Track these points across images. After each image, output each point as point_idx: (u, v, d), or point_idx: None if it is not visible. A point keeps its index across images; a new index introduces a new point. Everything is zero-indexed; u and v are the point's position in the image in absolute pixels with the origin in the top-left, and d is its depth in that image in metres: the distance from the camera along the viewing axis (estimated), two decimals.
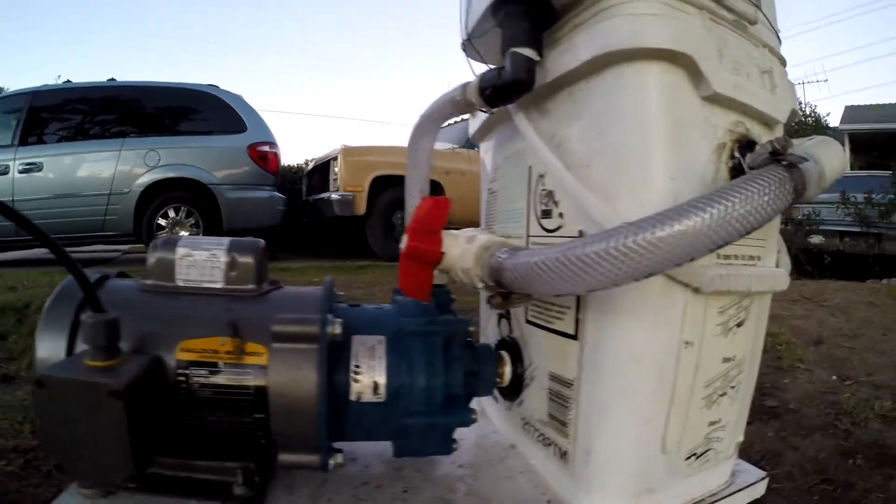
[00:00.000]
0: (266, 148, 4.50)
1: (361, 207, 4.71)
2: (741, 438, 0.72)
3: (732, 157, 0.56)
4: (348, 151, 4.75)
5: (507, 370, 0.68)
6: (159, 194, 4.06)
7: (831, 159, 0.47)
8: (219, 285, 0.59)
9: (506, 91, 0.60)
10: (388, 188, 4.90)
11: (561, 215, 0.59)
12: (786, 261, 0.68)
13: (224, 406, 0.54)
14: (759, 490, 0.75)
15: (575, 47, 0.55)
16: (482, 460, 0.73)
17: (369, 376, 0.57)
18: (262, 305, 0.59)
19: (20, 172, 3.89)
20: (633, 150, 0.51)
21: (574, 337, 0.58)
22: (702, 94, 0.54)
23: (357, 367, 0.57)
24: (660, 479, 0.60)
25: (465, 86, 0.66)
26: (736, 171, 0.55)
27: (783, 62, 0.69)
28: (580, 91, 0.57)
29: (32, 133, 4.01)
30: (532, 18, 0.58)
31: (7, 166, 3.85)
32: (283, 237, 6.05)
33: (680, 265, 0.40)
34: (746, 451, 1.00)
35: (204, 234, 4.21)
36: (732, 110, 0.58)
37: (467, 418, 0.59)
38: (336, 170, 4.73)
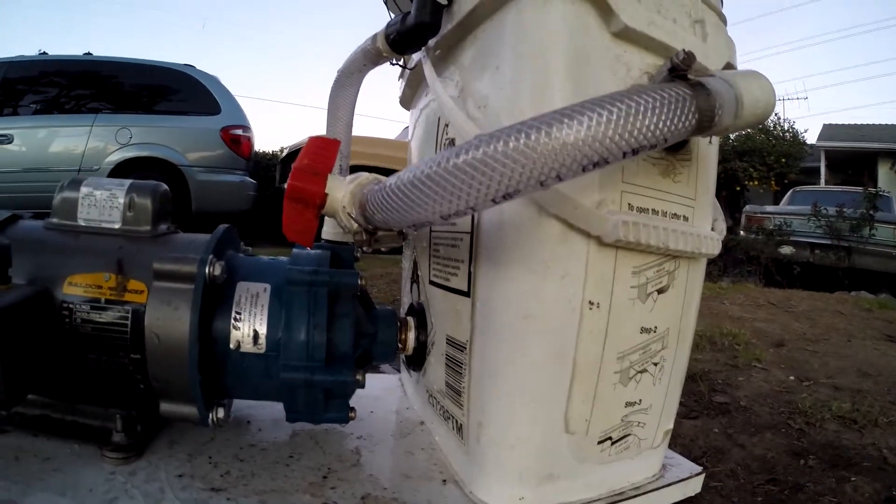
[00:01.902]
0: (239, 132, 4.39)
1: None
2: (670, 426, 0.65)
3: None
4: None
5: (411, 336, 0.62)
6: (129, 173, 3.92)
7: (752, 88, 0.39)
8: (116, 226, 0.59)
9: (410, 35, 0.57)
10: None
11: None
12: (721, 227, 0.61)
13: (102, 344, 0.53)
14: (695, 486, 0.68)
15: None
16: (385, 434, 0.66)
17: (249, 324, 0.53)
18: (154, 247, 0.57)
19: None
20: (529, 85, 0.46)
21: (467, 294, 0.50)
22: (612, 29, 0.48)
23: (238, 313, 0.53)
24: (566, 463, 0.52)
25: (374, 35, 0.62)
26: None
27: (722, 19, 0.62)
28: (483, 32, 0.52)
29: (6, 104, 3.88)
30: None
31: None
32: (255, 224, 5.95)
33: (545, 184, 0.32)
34: (687, 447, 0.93)
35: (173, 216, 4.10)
36: (650, 51, 0.52)
37: (350, 379, 0.52)
38: None
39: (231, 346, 0.53)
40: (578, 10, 0.46)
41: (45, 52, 4.32)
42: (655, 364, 0.57)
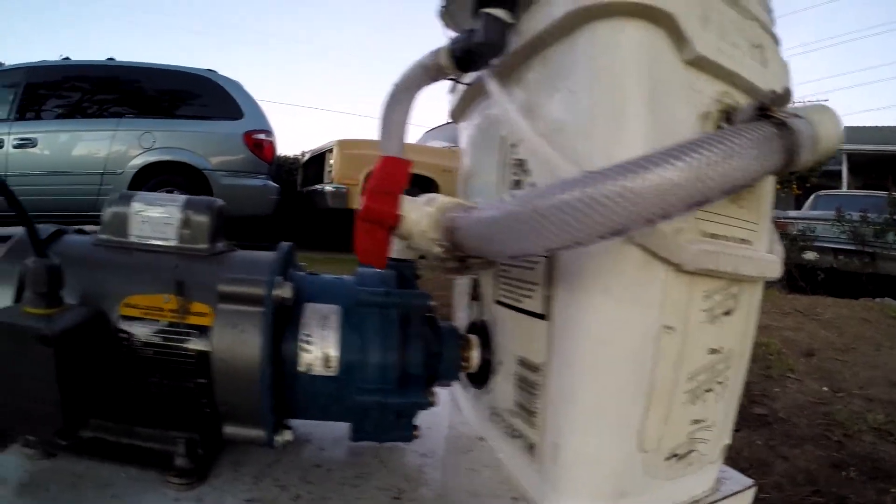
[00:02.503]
0: (262, 136, 4.46)
1: (355, 201, 4.68)
2: (728, 441, 0.66)
3: (718, 127, 0.51)
4: (344, 144, 4.71)
5: (475, 354, 0.63)
6: (152, 177, 4.00)
7: (826, 124, 0.41)
8: (171, 243, 0.57)
9: (476, 54, 0.57)
10: None
11: (533, 185, 0.53)
12: (778, 248, 0.62)
13: (166, 368, 0.51)
14: (747, 499, 0.69)
15: (548, 6, 0.51)
16: (447, 451, 0.67)
17: (320, 347, 0.52)
18: (213, 266, 0.55)
19: (14, 148, 3.84)
20: (606, 112, 0.47)
21: (543, 316, 0.52)
22: (685, 57, 0.49)
23: (307, 336, 0.53)
24: (636, 480, 0.54)
25: (436, 51, 0.62)
26: None
27: (776, 41, 0.63)
28: (553, 53, 0.53)
29: (29, 108, 3.95)
30: None
31: (1, 141, 3.79)
32: (277, 227, 6.00)
33: (652, 222, 0.34)
34: (733, 460, 0.94)
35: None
36: (719, 79, 0.53)
37: (424, 400, 0.54)
38: (331, 162, 4.69)
39: (301, 368, 0.52)
40: (653, 37, 0.47)
41: (67, 58, 4.41)
42: (719, 383, 0.58)
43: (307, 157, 5.76)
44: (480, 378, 0.65)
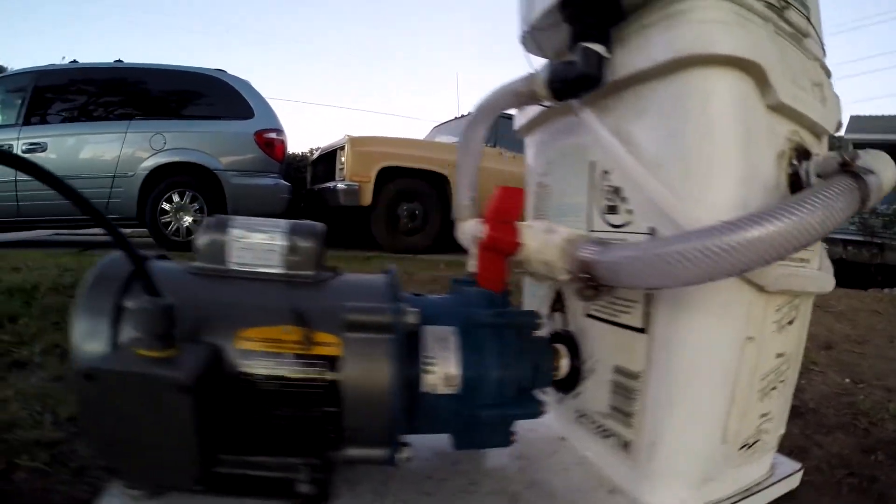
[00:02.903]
0: (273, 135, 4.50)
1: (367, 198, 4.73)
2: (783, 431, 0.76)
3: (791, 164, 0.60)
4: (356, 141, 4.76)
5: (565, 363, 0.70)
6: (164, 178, 4.04)
7: (887, 172, 0.50)
8: (276, 270, 0.56)
9: (575, 85, 0.62)
10: (394, 179, 4.92)
11: (629, 212, 0.62)
12: (827, 264, 0.72)
13: (292, 399, 0.51)
14: (795, 481, 0.79)
15: (646, 48, 0.58)
16: (535, 452, 0.75)
17: (442, 368, 0.57)
18: (325, 293, 0.56)
19: (24, 152, 3.82)
20: (705, 155, 0.55)
21: (643, 330, 0.61)
22: (767, 102, 0.57)
23: (429, 358, 0.56)
24: (717, 468, 0.63)
25: (529, 78, 0.67)
26: (793, 178, 0.59)
27: (829, 74, 0.72)
28: (648, 90, 0.60)
29: (37, 113, 3.96)
30: (601, 15, 0.60)
31: (10, 146, 3.79)
32: None
33: (769, 264, 0.43)
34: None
35: None
36: (791, 120, 0.61)
37: (538, 410, 0.61)
38: (343, 159, 4.74)
39: (424, 389, 0.55)
40: (744, 86, 0.55)
41: (75, 61, 4.42)
42: (781, 381, 0.68)
43: (317, 154, 5.81)
44: (568, 384, 0.74)
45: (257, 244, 0.56)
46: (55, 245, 4.22)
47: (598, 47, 0.59)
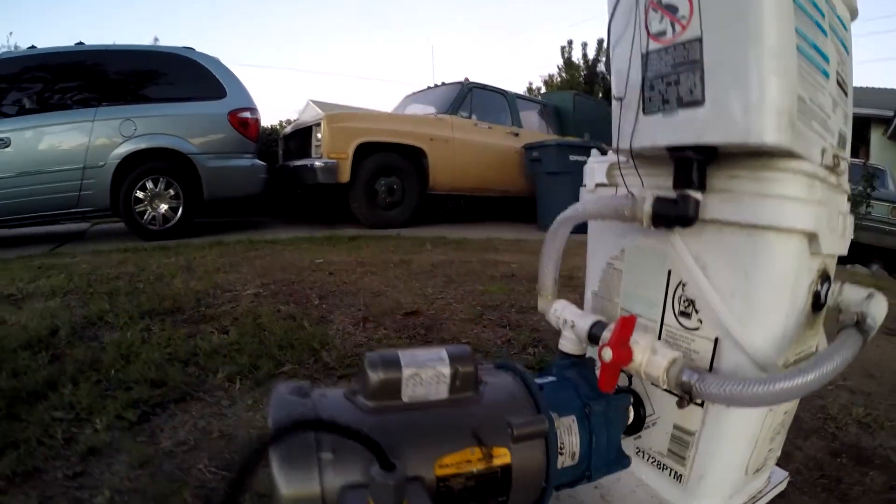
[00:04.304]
0: (247, 114, 4.49)
1: (345, 175, 4.84)
2: (779, 453, 1.06)
3: (815, 286, 0.83)
4: (332, 118, 4.82)
5: (631, 414, 0.95)
6: (137, 166, 4.00)
7: (881, 314, 0.76)
8: (443, 397, 0.66)
9: (674, 222, 0.79)
10: (371, 154, 5.01)
11: (700, 320, 0.85)
12: (823, 344, 0.98)
13: (473, 499, 0.64)
14: (783, 486, 1.10)
15: (735, 206, 0.75)
16: (607, 480, 1.00)
17: (570, 449, 0.78)
18: (484, 409, 0.68)
19: None
20: (766, 298, 0.76)
21: (701, 404, 0.87)
22: (812, 251, 0.77)
23: (562, 445, 0.77)
24: (740, 486, 0.92)
25: (632, 202, 0.82)
26: (815, 297, 0.82)
27: (850, 200, 0.94)
28: (729, 234, 0.78)
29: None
30: (704, 167, 0.76)
31: None
32: (261, 202, 6.02)
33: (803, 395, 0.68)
34: None
35: (184, 205, 4.22)
36: (821, 257, 0.82)
37: (629, 463, 0.87)
38: (319, 136, 4.79)
39: (558, 466, 0.73)
40: (802, 247, 0.75)
41: (33, 46, 4.14)
42: (783, 425, 0.97)
43: (289, 129, 5.77)
44: (634, 429, 0.99)
45: (427, 379, 0.64)
46: (20, 244, 4.10)
47: (697, 195, 0.76)
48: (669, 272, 0.91)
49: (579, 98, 7.96)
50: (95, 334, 1.87)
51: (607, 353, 0.77)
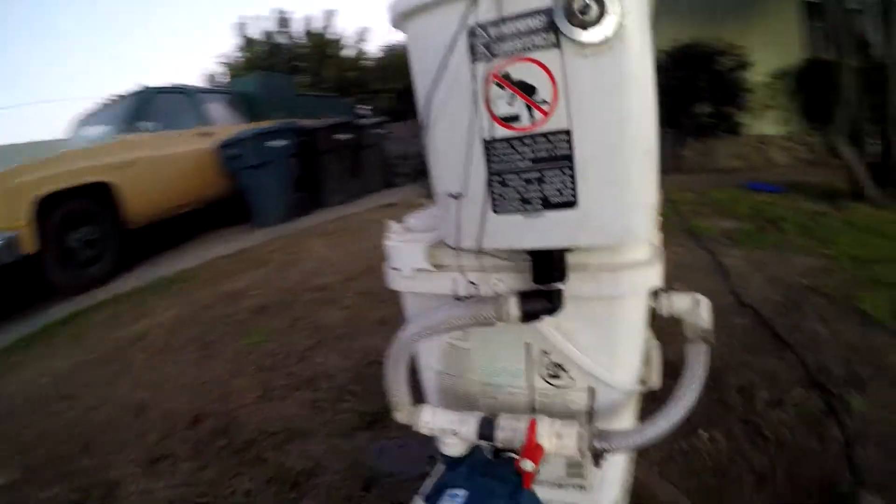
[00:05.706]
0: None
1: (30, 244, 3.76)
2: None
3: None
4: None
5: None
6: None
7: (710, 316, 0.90)
8: None
9: (541, 314, 0.76)
10: (55, 207, 4.03)
11: (572, 377, 0.86)
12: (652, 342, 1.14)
13: None
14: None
15: (594, 285, 0.75)
16: None
17: None
18: None
19: None
20: (629, 344, 0.83)
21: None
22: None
23: None
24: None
25: (495, 307, 0.76)
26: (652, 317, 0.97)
27: None
28: (590, 304, 0.78)
29: None
30: (564, 257, 0.73)
31: None
32: None
33: None
34: None
35: None
36: None
37: None
38: None
39: None
40: (648, 302, 0.83)
41: None
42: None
43: None
44: None
45: None
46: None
47: (560, 285, 0.74)
48: (527, 345, 0.88)
49: (263, 78, 7.64)
50: None
51: (528, 465, 0.77)
